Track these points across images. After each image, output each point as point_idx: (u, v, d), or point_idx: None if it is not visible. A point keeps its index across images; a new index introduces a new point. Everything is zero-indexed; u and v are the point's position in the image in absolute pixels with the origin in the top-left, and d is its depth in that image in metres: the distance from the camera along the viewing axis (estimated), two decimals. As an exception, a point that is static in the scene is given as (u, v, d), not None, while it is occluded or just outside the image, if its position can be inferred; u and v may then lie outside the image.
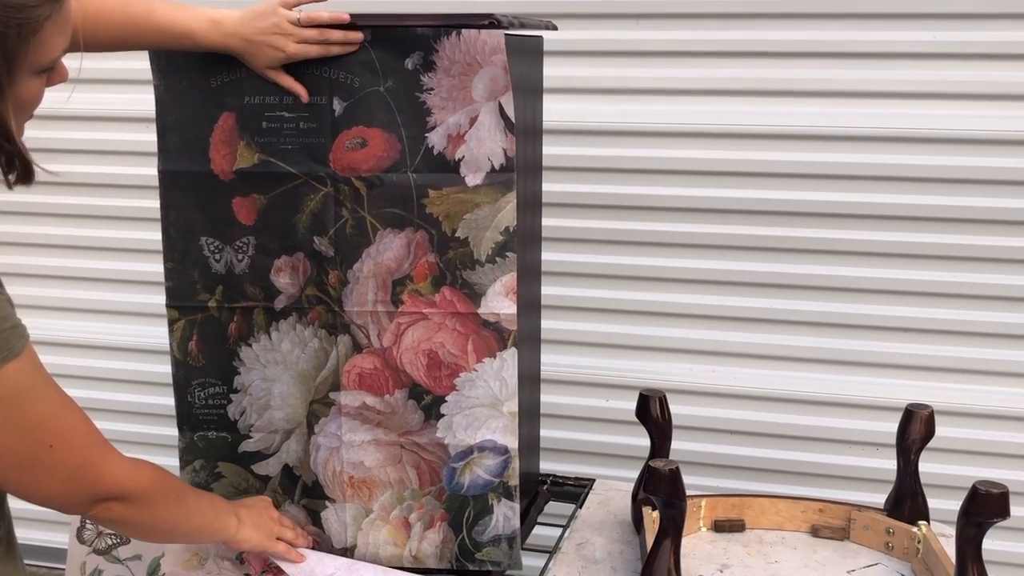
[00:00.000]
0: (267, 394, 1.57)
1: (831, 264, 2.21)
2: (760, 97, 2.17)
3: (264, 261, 1.52)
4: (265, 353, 1.55)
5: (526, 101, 1.67)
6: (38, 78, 1.06)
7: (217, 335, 1.56)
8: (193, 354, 1.57)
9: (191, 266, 1.54)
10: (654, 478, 1.37)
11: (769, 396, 2.29)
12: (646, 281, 2.31)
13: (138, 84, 2.42)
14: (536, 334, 1.85)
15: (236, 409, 1.59)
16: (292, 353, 1.54)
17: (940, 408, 1.71)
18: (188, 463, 1.62)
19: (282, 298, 1.53)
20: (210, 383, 1.58)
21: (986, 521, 1.35)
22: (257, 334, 1.55)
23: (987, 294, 2.15)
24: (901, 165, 2.12)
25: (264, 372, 1.56)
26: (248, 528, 1.44)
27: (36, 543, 2.38)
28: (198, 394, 1.58)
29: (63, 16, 1.05)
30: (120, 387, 2.64)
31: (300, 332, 1.53)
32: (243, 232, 1.52)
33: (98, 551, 1.58)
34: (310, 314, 1.52)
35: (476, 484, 1.52)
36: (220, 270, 1.54)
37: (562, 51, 2.11)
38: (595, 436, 2.39)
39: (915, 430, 1.59)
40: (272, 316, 1.54)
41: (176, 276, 1.55)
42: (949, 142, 2.10)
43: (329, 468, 1.55)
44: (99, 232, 2.59)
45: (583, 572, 1.58)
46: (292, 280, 1.52)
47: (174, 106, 1.50)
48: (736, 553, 1.61)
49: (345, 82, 1.43)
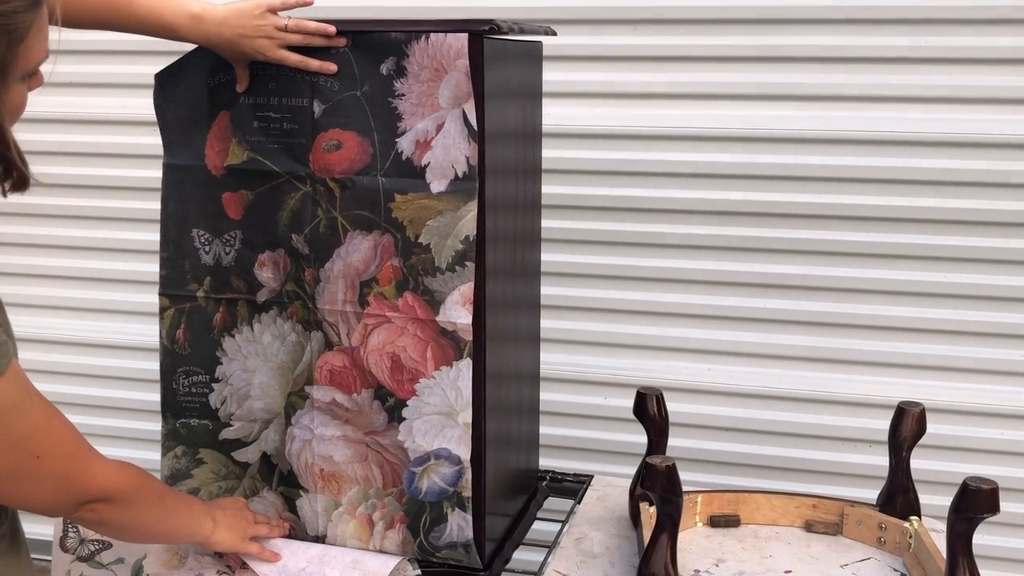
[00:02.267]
0: (247, 384, 1.58)
1: (824, 265, 2.21)
2: (755, 101, 2.18)
3: (249, 255, 1.54)
4: (247, 344, 1.57)
5: (526, 105, 1.69)
6: (22, 84, 1.07)
7: (203, 325, 1.59)
8: (180, 342, 1.60)
9: (183, 256, 1.57)
10: (651, 474, 1.38)
11: (764, 394, 2.29)
12: (644, 281, 2.31)
13: (133, 88, 2.45)
14: (536, 333, 1.87)
15: (217, 398, 1.60)
16: (272, 346, 1.56)
17: (931, 406, 1.72)
18: (170, 449, 1.64)
19: (264, 292, 1.55)
20: (194, 371, 1.60)
21: (976, 516, 1.35)
22: (240, 325, 1.57)
23: (978, 294, 2.16)
24: (892, 168, 2.13)
25: (245, 363, 1.58)
26: (222, 530, 1.45)
27: (43, 538, 2.39)
28: (182, 382, 1.61)
29: (43, 21, 1.05)
30: (110, 384, 2.66)
31: (280, 326, 1.55)
32: (231, 226, 1.55)
33: (81, 558, 1.59)
34: (289, 309, 1.54)
35: (433, 491, 1.51)
36: (209, 261, 1.57)
37: (561, 56, 2.12)
38: (593, 433, 2.40)
39: (907, 427, 1.59)
40: (255, 309, 1.56)
41: (169, 265, 1.58)
42: (938, 145, 2.11)
43: (303, 459, 1.57)
44: (95, 233, 2.61)
45: (582, 566, 1.58)
46: (274, 275, 1.54)
47: (174, 105, 1.53)
48: (731, 548, 1.61)
49: (325, 85, 1.45)
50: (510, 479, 1.72)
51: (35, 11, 1.03)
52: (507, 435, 1.67)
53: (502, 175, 1.55)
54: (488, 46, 1.42)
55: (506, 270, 1.61)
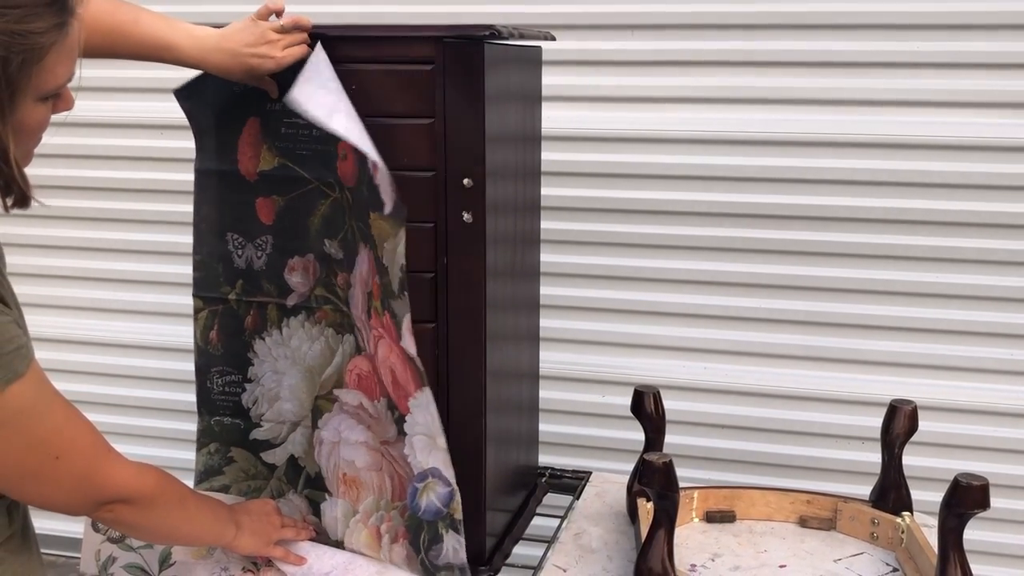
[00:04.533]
0: (277, 386, 1.59)
1: (818, 265, 2.23)
2: (750, 105, 2.20)
3: (279, 259, 1.55)
4: (276, 347, 1.58)
5: (525, 108, 1.70)
6: (43, 104, 1.04)
7: (235, 327, 1.59)
8: (213, 343, 1.61)
9: (216, 260, 1.58)
10: (648, 471, 1.38)
11: (759, 392, 2.30)
12: (641, 281, 2.32)
13: (151, 92, 2.44)
14: (535, 332, 1.88)
15: (249, 398, 1.62)
16: (300, 349, 1.56)
17: (923, 404, 1.73)
18: (204, 445, 1.65)
19: (294, 296, 1.55)
20: (227, 371, 1.62)
21: (967, 512, 1.36)
22: (270, 328, 1.58)
23: (969, 294, 2.17)
24: (885, 171, 2.15)
25: (275, 365, 1.59)
26: (246, 535, 1.44)
27: (52, 532, 2.41)
28: (216, 380, 1.62)
29: (68, 44, 1.02)
30: (139, 384, 2.66)
31: (308, 329, 1.55)
32: (263, 231, 1.55)
33: (112, 539, 1.59)
34: (318, 313, 1.54)
35: (431, 509, 1.47)
36: (241, 265, 1.57)
37: (560, 60, 2.13)
38: (592, 430, 2.40)
39: (899, 425, 1.60)
40: (284, 312, 1.56)
41: (203, 268, 1.59)
42: (929, 148, 2.13)
43: (331, 462, 1.56)
44: (119, 235, 2.62)
45: (580, 561, 1.58)
46: (303, 280, 1.54)
47: (203, 112, 1.53)
48: (727, 543, 1.62)
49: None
50: (510, 475, 1.73)
51: (58, 33, 1.00)
52: (507, 432, 1.68)
53: (502, 177, 1.55)
54: (489, 51, 1.43)
55: (506, 270, 1.61)
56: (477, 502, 1.53)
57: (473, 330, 1.50)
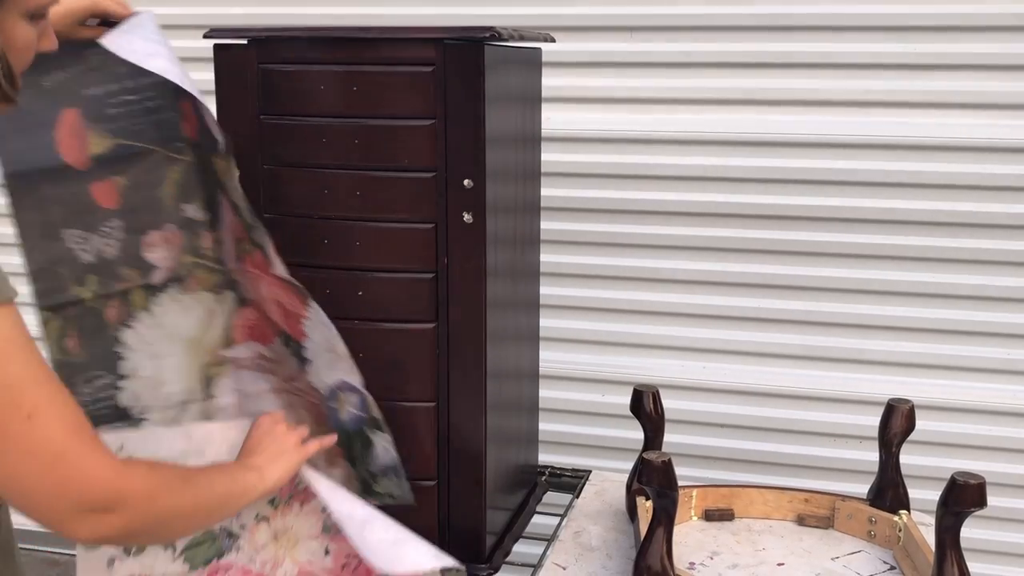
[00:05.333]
0: (159, 370, 1.48)
1: (816, 265, 2.23)
2: (749, 106, 2.20)
3: (134, 240, 1.44)
4: (150, 330, 1.47)
5: (525, 110, 1.70)
6: (29, 24, 1.01)
7: (95, 325, 1.45)
8: (73, 351, 1.44)
9: (56, 262, 1.41)
10: (647, 469, 1.38)
11: (757, 391, 2.31)
12: (640, 281, 2.33)
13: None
14: (535, 332, 1.88)
15: (128, 396, 1.48)
16: (177, 324, 1.47)
17: (920, 403, 1.73)
18: None
19: (159, 272, 1.46)
20: (95, 375, 1.46)
21: (964, 510, 1.36)
22: (138, 314, 1.46)
23: (966, 294, 2.17)
24: (882, 171, 2.16)
25: (152, 349, 1.47)
26: (270, 469, 1.28)
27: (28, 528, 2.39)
28: (85, 389, 1.45)
29: None
30: None
31: (182, 301, 1.47)
32: (107, 216, 1.43)
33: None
34: (189, 281, 1.47)
35: (352, 420, 1.44)
36: (90, 259, 1.43)
37: (560, 62, 2.14)
38: (591, 429, 2.40)
39: (896, 424, 1.60)
40: (151, 291, 1.46)
41: (43, 277, 1.41)
42: (926, 149, 2.13)
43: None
44: None
45: (580, 559, 1.59)
46: (167, 252, 1.46)
47: (6, 117, 1.37)
48: (726, 541, 1.62)
49: None
50: (510, 474, 1.73)
51: None
52: (507, 431, 1.69)
53: (502, 178, 1.56)
54: (489, 52, 1.43)
55: (506, 270, 1.61)
56: (478, 500, 1.54)
57: (473, 330, 1.50)
